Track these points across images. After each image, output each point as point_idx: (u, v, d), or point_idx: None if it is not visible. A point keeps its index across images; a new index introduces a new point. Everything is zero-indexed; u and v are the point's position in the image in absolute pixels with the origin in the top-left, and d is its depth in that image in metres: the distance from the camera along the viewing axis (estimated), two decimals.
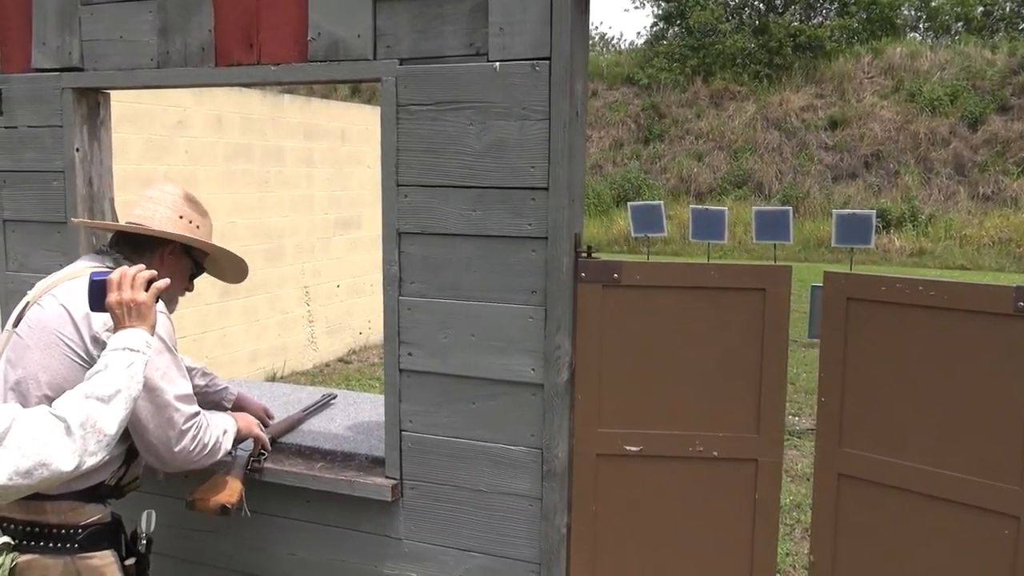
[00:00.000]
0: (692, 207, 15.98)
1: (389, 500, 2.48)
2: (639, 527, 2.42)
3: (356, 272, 9.64)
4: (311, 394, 3.29)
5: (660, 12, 27.01)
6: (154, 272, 2.09)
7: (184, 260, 2.41)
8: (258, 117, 8.12)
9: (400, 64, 2.37)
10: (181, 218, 2.36)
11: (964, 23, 27.57)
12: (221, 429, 2.36)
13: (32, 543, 2.08)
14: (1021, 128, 20.28)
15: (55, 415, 1.79)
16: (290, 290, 8.64)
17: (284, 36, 2.50)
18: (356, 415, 3.07)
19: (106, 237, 2.79)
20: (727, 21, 25.36)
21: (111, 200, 2.92)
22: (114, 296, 2.01)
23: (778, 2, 26.30)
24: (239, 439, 2.49)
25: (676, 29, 26.67)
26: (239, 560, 2.75)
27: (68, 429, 1.77)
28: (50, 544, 2.09)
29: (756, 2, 26.77)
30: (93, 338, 2.10)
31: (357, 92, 24.39)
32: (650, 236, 16.38)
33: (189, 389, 2.24)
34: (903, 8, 27.73)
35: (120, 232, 2.37)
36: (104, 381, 1.88)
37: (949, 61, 22.24)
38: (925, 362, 2.16)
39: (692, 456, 2.37)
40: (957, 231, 18.34)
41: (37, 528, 2.08)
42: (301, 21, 2.47)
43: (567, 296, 2.30)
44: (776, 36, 23.74)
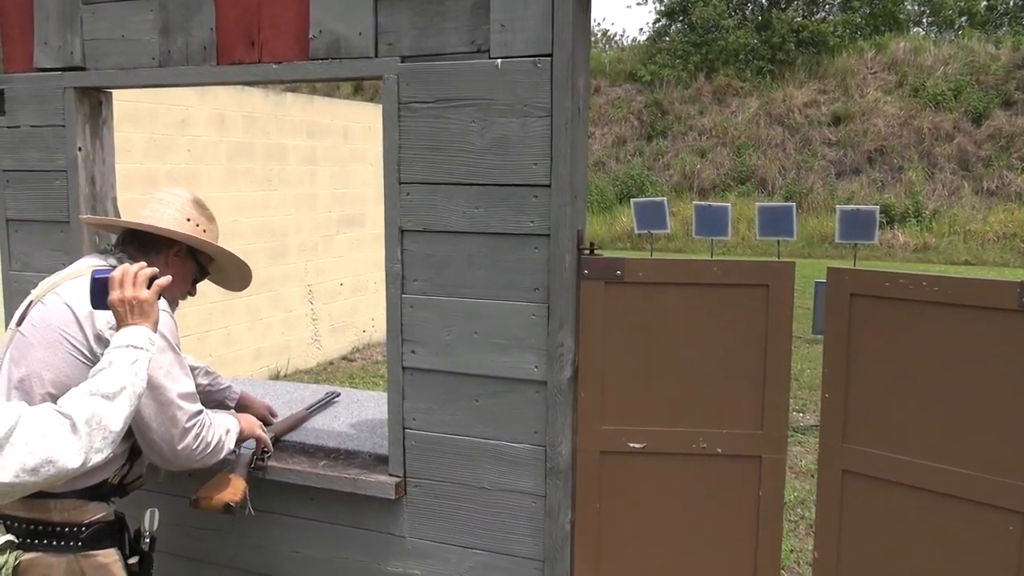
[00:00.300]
0: (695, 203, 15.98)
1: (393, 498, 2.48)
2: (643, 524, 2.42)
3: (359, 270, 9.64)
4: (314, 392, 3.29)
5: (662, 8, 26.95)
6: (155, 270, 2.09)
7: (189, 263, 2.41)
8: (260, 115, 8.13)
9: (402, 62, 2.37)
10: (188, 220, 2.36)
11: (968, 18, 27.49)
12: (224, 428, 2.36)
13: (36, 541, 2.08)
14: None
15: (60, 412, 1.79)
16: (293, 288, 8.65)
17: (285, 34, 2.50)
18: (359, 413, 3.07)
19: (109, 237, 2.79)
20: (730, 17, 25.29)
21: (114, 199, 2.93)
22: (116, 294, 2.01)
23: None
24: (241, 439, 2.49)
25: (679, 25, 26.62)
26: (243, 558, 2.75)
27: (74, 426, 1.78)
28: (54, 542, 2.09)
29: None
30: (97, 336, 2.11)
31: (360, 90, 24.39)
32: (653, 233, 16.37)
33: (192, 387, 2.24)
34: (906, 3, 27.66)
35: (127, 231, 2.37)
36: (108, 378, 1.88)
37: (953, 56, 22.17)
38: (929, 358, 2.16)
39: (696, 453, 2.36)
40: (961, 226, 18.30)
41: (41, 526, 2.09)
42: (302, 19, 2.47)
43: (570, 293, 2.30)
44: (779, 32, 23.68)
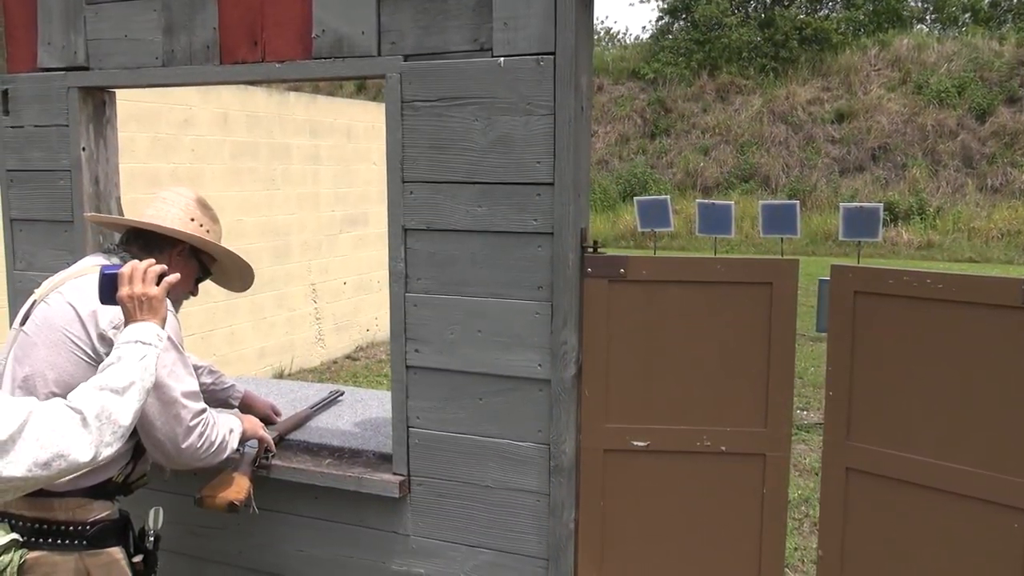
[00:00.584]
0: (698, 201, 15.95)
1: (397, 496, 2.48)
2: (647, 522, 2.41)
3: (363, 269, 9.65)
4: (318, 391, 3.29)
5: (665, 6, 26.92)
6: (164, 267, 2.10)
7: (192, 263, 2.42)
8: (264, 115, 8.13)
9: (404, 60, 2.37)
10: (192, 220, 2.36)
11: (971, 14, 27.41)
12: (227, 428, 2.36)
13: (40, 540, 2.09)
14: None
15: (71, 407, 1.80)
16: (297, 287, 8.66)
17: (288, 33, 2.50)
18: (363, 412, 3.07)
19: (113, 237, 2.79)
20: (733, 15, 25.23)
21: (118, 199, 2.93)
22: (125, 290, 2.02)
23: None
24: (244, 440, 2.49)
25: (681, 23, 26.58)
26: (247, 557, 2.75)
27: (84, 420, 1.78)
28: (58, 541, 2.10)
29: None
30: (100, 336, 2.11)
31: (362, 89, 24.40)
32: (656, 231, 16.34)
33: (196, 386, 2.25)
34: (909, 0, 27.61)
35: (130, 230, 2.38)
36: (118, 373, 1.89)
37: (956, 53, 22.11)
38: (933, 355, 2.15)
39: (700, 451, 2.36)
40: (965, 224, 18.26)
41: (45, 525, 2.09)
42: (305, 18, 2.47)
43: (573, 291, 2.30)
44: (782, 29, 23.64)
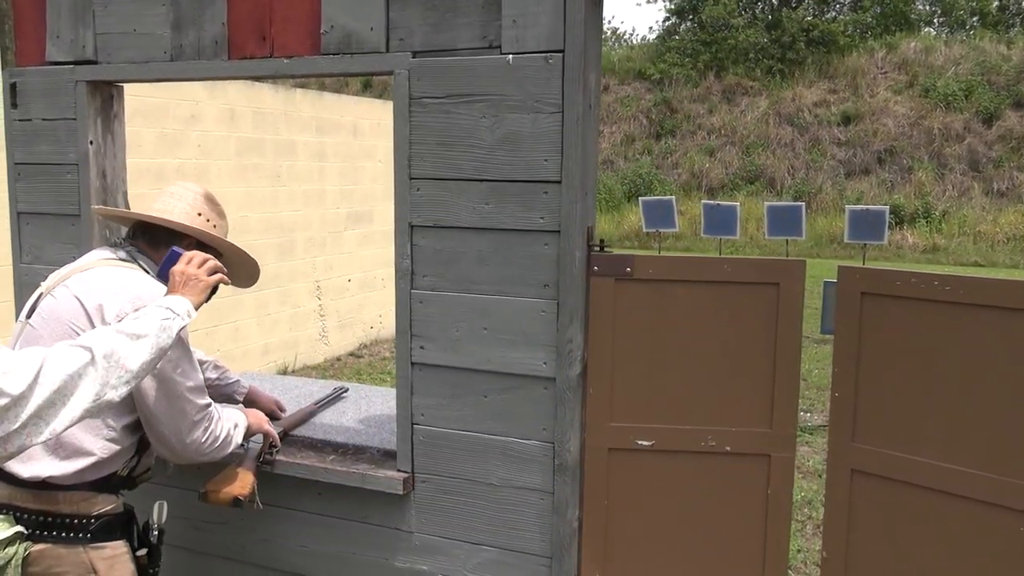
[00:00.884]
0: (704, 202, 15.94)
1: (401, 493, 2.48)
2: (650, 522, 2.41)
3: (367, 266, 9.65)
4: (323, 387, 3.29)
5: (672, 6, 26.91)
6: (222, 266, 2.22)
7: None
8: (270, 111, 8.13)
9: (413, 57, 2.37)
10: (199, 215, 2.37)
11: (979, 17, 27.37)
12: (232, 423, 2.37)
13: (45, 533, 2.09)
14: None
15: (81, 345, 1.83)
16: (302, 284, 8.66)
17: (297, 29, 2.50)
18: (368, 408, 3.07)
19: (119, 231, 2.80)
20: (740, 15, 25.23)
21: (125, 193, 2.93)
22: (180, 266, 2.15)
23: None
24: (249, 434, 2.50)
25: (688, 24, 26.57)
26: (251, 552, 2.76)
27: (92, 359, 1.81)
28: (63, 534, 2.10)
29: None
30: None
31: (369, 86, 24.41)
32: (661, 231, 16.35)
33: (201, 381, 2.25)
34: (917, 3, 27.55)
35: (137, 224, 2.39)
36: (135, 323, 1.94)
37: (964, 56, 22.08)
38: (939, 357, 2.15)
39: (704, 451, 2.36)
40: (971, 227, 18.22)
41: (50, 518, 2.09)
42: (314, 14, 2.47)
43: (579, 290, 2.29)
44: (789, 31, 23.61)
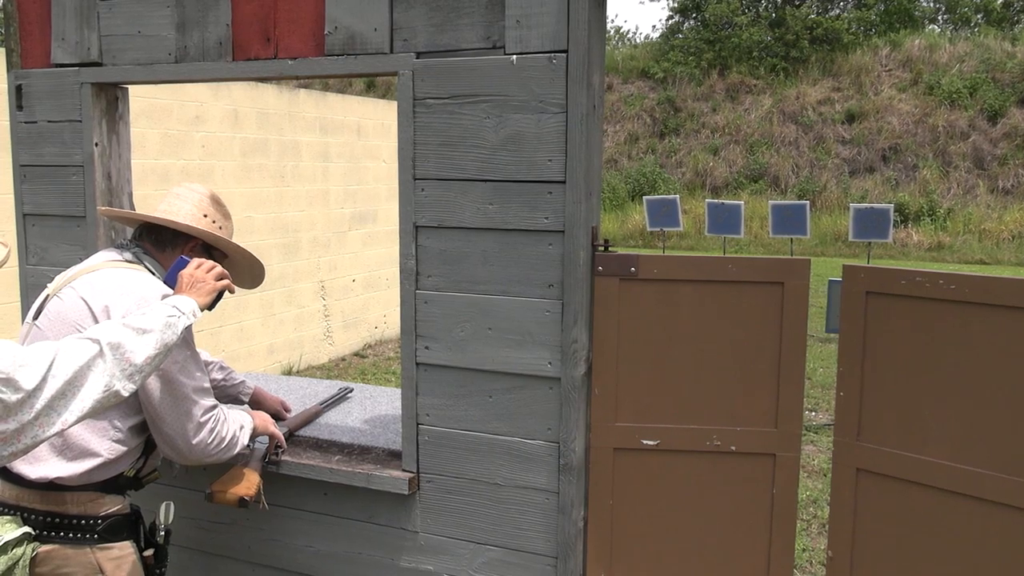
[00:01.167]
0: (708, 201, 15.91)
1: (406, 493, 2.49)
2: (656, 521, 2.41)
3: (372, 266, 9.66)
4: (328, 387, 3.30)
5: (676, 5, 26.88)
6: (227, 274, 2.28)
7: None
8: (274, 112, 8.14)
9: (417, 57, 2.37)
10: (206, 216, 2.38)
11: (984, 15, 27.30)
12: (238, 424, 2.37)
13: (52, 533, 2.10)
14: None
15: (89, 338, 1.86)
16: (306, 284, 8.67)
17: (301, 30, 2.50)
18: (373, 408, 3.07)
19: (125, 232, 2.81)
20: (743, 14, 25.18)
21: (130, 194, 2.94)
22: (189, 270, 2.20)
23: None
24: (255, 436, 2.50)
25: (692, 22, 26.54)
26: (257, 552, 2.76)
27: (101, 351, 1.84)
28: (70, 534, 2.11)
29: None
30: None
31: (372, 86, 24.42)
32: (665, 230, 16.32)
33: (206, 383, 2.26)
34: (921, 0, 27.49)
35: (143, 225, 2.39)
36: (141, 318, 1.97)
37: (968, 53, 22.02)
38: (945, 356, 2.14)
39: (709, 450, 2.36)
40: (976, 225, 18.18)
41: (57, 519, 2.10)
42: (318, 15, 2.47)
43: (584, 290, 2.30)
44: (793, 29, 23.57)
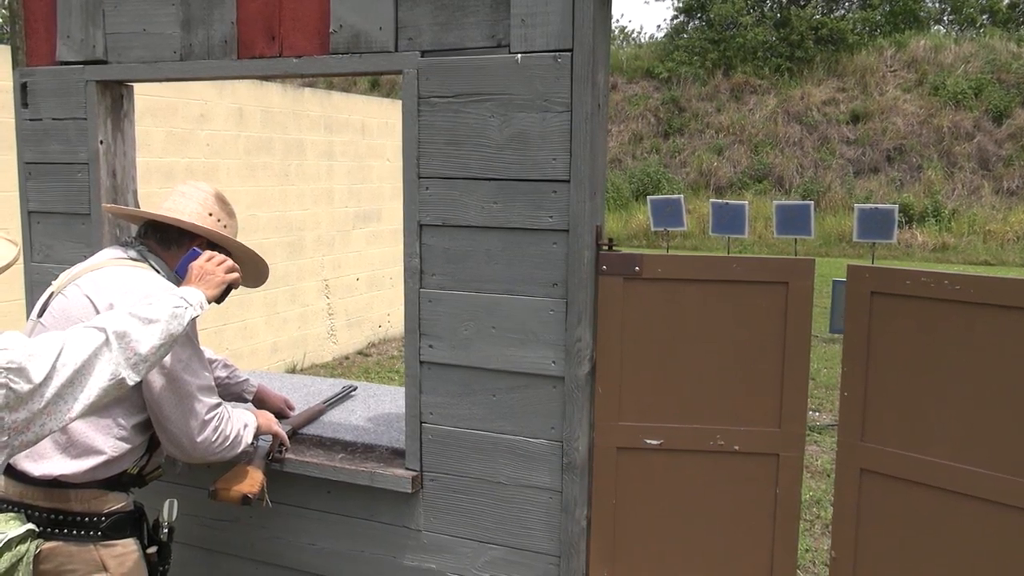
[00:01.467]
0: (712, 201, 15.89)
1: (409, 492, 2.49)
2: (659, 521, 2.41)
3: (375, 265, 9.67)
4: (331, 386, 3.30)
5: (680, 5, 26.84)
6: (238, 268, 2.28)
7: None
8: (278, 110, 8.15)
9: (422, 56, 2.37)
10: (210, 215, 2.38)
11: (989, 15, 27.24)
12: (242, 422, 2.37)
13: (56, 530, 2.10)
14: None
15: (95, 326, 1.87)
16: (310, 283, 8.68)
17: (306, 28, 2.50)
18: (376, 407, 3.08)
19: (129, 230, 2.81)
20: (748, 14, 25.13)
21: (134, 192, 2.94)
22: (199, 262, 2.22)
23: None
24: (258, 435, 2.50)
25: (696, 22, 26.50)
26: (260, 549, 2.76)
27: (107, 340, 1.85)
28: (74, 532, 2.11)
29: None
30: None
31: (376, 85, 24.43)
32: (669, 230, 16.30)
33: (211, 381, 2.26)
34: (927, 0, 27.43)
35: (148, 224, 2.40)
36: (148, 308, 1.97)
37: (974, 54, 21.97)
38: (950, 357, 2.14)
39: (713, 450, 2.36)
40: (981, 226, 18.14)
41: (61, 516, 2.11)
42: (323, 13, 2.47)
43: (588, 289, 2.29)
44: (798, 29, 23.53)
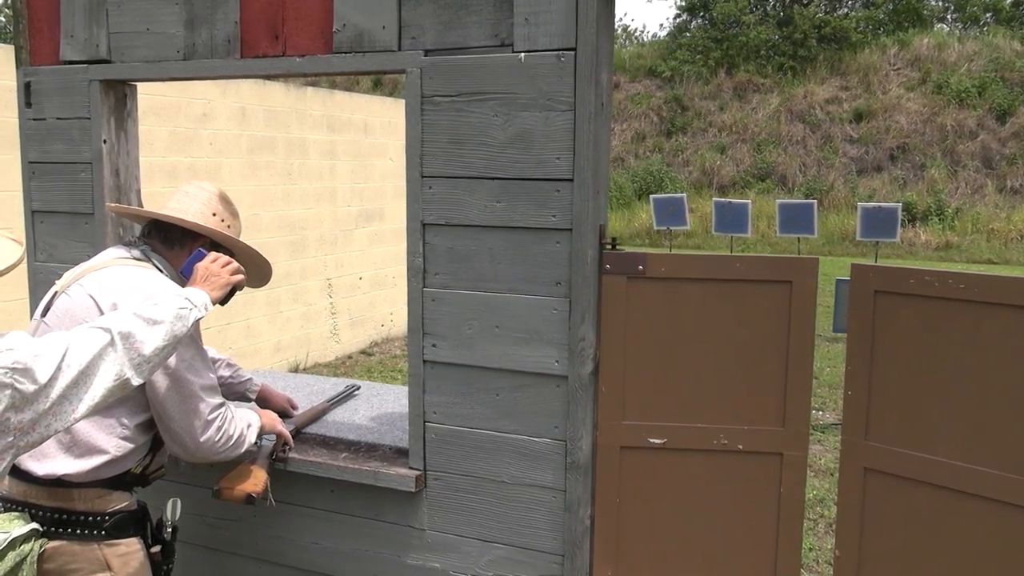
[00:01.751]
0: (715, 200, 15.87)
1: (413, 491, 2.49)
2: (663, 520, 2.41)
3: (378, 264, 9.67)
4: (335, 385, 3.30)
5: (683, 3, 26.83)
6: (243, 269, 2.29)
7: None
8: (281, 109, 8.16)
9: (425, 55, 2.37)
10: (214, 215, 2.38)
11: (993, 14, 27.18)
12: (245, 422, 2.38)
13: (59, 530, 2.10)
14: None
15: (100, 327, 1.87)
16: (313, 282, 8.69)
17: (309, 28, 2.50)
18: (380, 406, 3.08)
19: (133, 229, 2.81)
20: (751, 12, 25.12)
21: (138, 191, 2.95)
22: (204, 263, 2.22)
23: None
24: (261, 434, 2.50)
25: (699, 21, 26.50)
26: (264, 549, 2.77)
27: (112, 340, 1.85)
28: (77, 531, 2.12)
29: None
30: None
31: (379, 85, 24.45)
32: (672, 229, 16.30)
33: (214, 381, 2.26)
34: None
35: (152, 223, 2.40)
36: (152, 308, 1.97)
37: (977, 52, 21.93)
38: (954, 355, 2.13)
39: (716, 449, 2.35)
40: (984, 225, 18.11)
41: (64, 515, 2.11)
42: (326, 12, 2.47)
43: (592, 288, 2.29)
44: (801, 28, 23.51)
